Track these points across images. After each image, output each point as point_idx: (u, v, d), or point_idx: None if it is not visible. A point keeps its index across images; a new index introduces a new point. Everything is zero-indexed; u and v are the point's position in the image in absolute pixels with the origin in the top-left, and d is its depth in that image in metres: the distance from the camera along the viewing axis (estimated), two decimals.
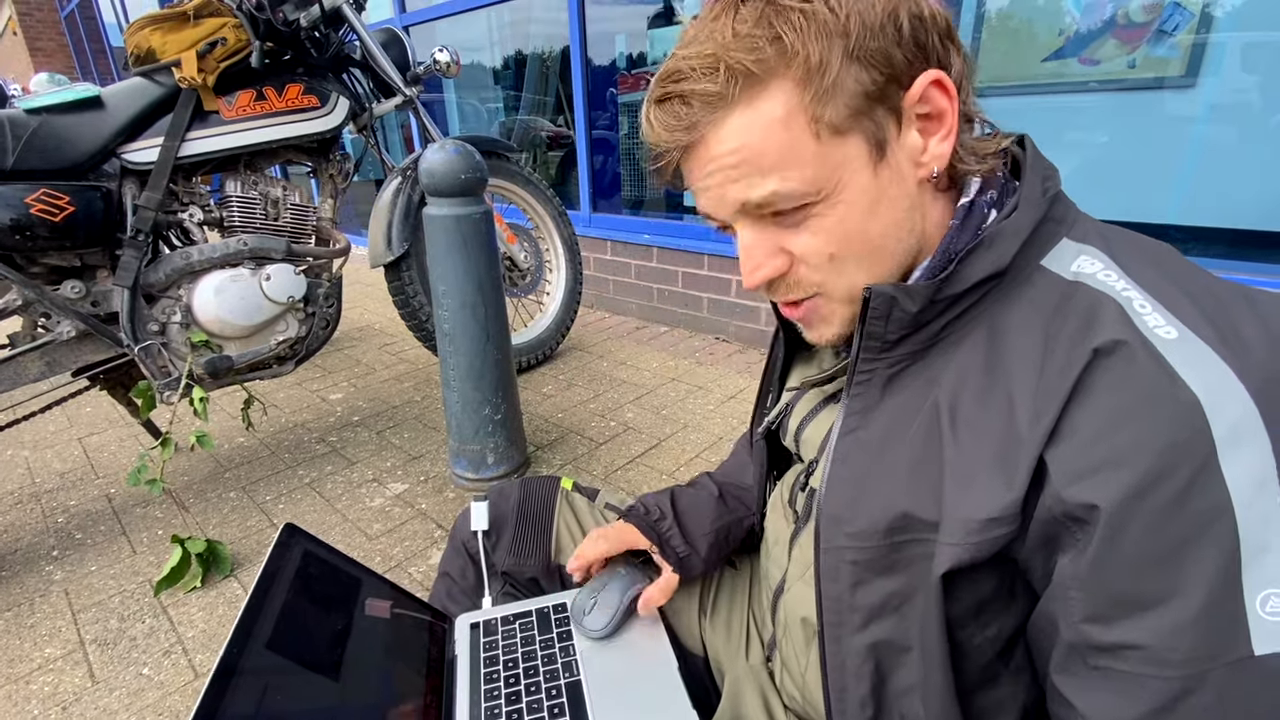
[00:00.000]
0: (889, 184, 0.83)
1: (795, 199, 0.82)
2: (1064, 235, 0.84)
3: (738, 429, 3.53)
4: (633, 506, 1.43)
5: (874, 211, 0.83)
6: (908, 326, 0.85)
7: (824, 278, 0.88)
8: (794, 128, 0.79)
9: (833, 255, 0.85)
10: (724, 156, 0.82)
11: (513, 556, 1.47)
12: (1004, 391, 0.78)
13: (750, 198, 0.83)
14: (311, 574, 1.17)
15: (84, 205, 2.54)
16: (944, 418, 0.82)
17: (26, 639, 2.34)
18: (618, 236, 5.37)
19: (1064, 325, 0.77)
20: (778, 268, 0.89)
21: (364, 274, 7.19)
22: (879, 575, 0.88)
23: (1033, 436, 0.74)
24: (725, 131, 0.81)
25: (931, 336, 0.86)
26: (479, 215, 2.77)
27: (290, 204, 3.13)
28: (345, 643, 1.12)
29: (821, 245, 0.85)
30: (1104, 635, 0.72)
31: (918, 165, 0.84)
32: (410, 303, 3.76)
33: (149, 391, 2.83)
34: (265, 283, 2.95)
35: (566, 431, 3.59)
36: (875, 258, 0.86)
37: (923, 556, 0.83)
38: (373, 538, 2.77)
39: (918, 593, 0.85)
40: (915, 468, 0.83)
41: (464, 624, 1.37)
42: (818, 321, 0.94)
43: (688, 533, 1.36)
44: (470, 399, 2.96)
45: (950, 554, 0.79)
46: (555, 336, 4.58)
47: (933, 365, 0.86)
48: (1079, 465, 0.71)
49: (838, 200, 0.82)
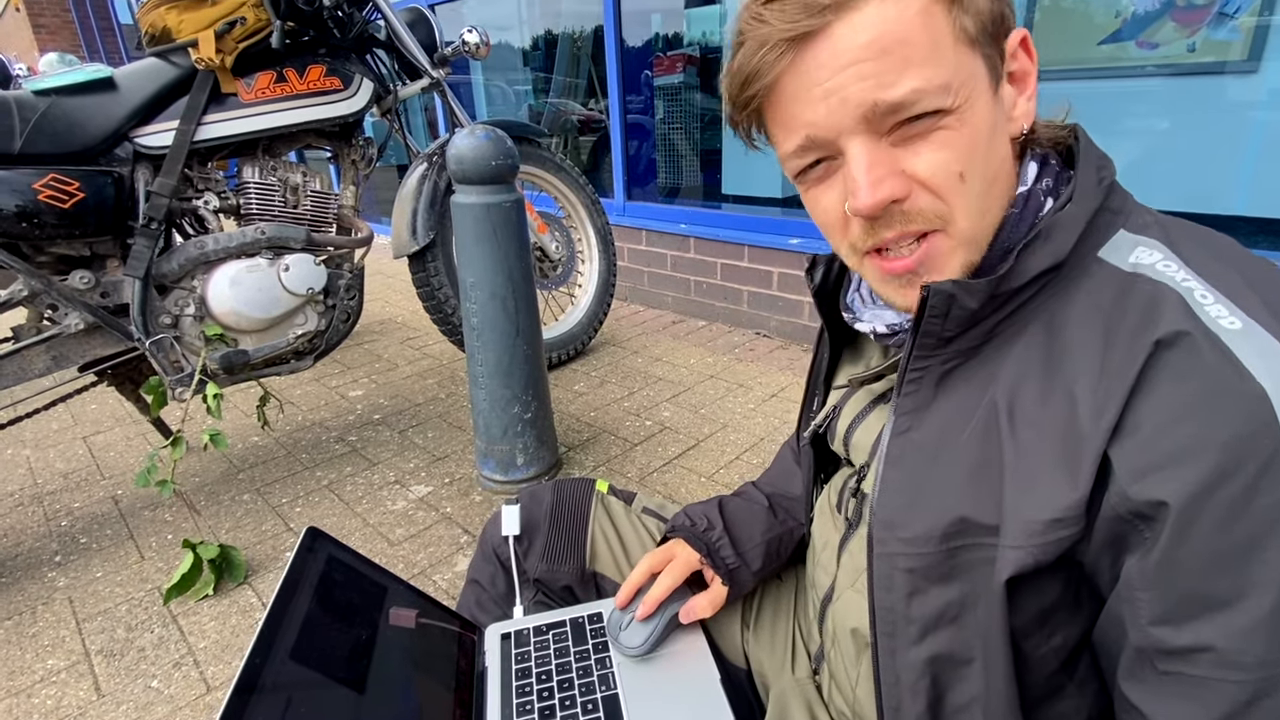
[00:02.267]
0: (1000, 120, 0.84)
1: (933, 101, 0.78)
2: (1120, 226, 0.84)
3: (780, 429, 3.51)
4: (677, 518, 1.42)
5: (992, 140, 0.83)
6: (965, 324, 0.85)
7: (951, 204, 0.83)
8: (935, 23, 0.78)
9: (962, 175, 0.82)
10: (857, 50, 0.78)
11: (546, 563, 1.46)
12: (1064, 388, 0.78)
13: (884, 98, 0.78)
14: (336, 581, 1.16)
15: (94, 191, 2.53)
16: (1002, 417, 0.82)
17: (28, 649, 2.32)
18: (653, 226, 5.34)
19: (1124, 319, 0.77)
20: (901, 188, 0.82)
21: (387, 265, 7.17)
22: (936, 583, 0.87)
23: (1096, 432, 0.74)
24: (861, 19, 0.77)
25: (986, 332, 0.86)
26: (510, 203, 2.75)
27: (310, 191, 3.12)
28: (371, 654, 1.11)
29: (951, 162, 0.81)
30: (1174, 638, 0.72)
31: (1010, 119, 0.86)
32: (435, 295, 3.75)
33: (160, 388, 2.81)
34: (283, 273, 2.94)
35: (599, 431, 3.58)
36: (991, 192, 0.85)
37: (982, 562, 0.83)
38: (395, 543, 2.75)
39: (978, 601, 0.84)
40: (974, 470, 0.83)
41: (494, 634, 1.36)
42: (930, 268, 0.88)
43: (738, 543, 1.35)
44: (499, 397, 2.94)
45: (1014, 558, 0.78)
46: (588, 331, 4.57)
47: (988, 362, 0.86)
48: (1144, 461, 0.71)
49: (965, 117, 0.80)
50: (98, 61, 4.60)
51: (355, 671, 1.06)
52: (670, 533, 1.41)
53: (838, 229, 0.90)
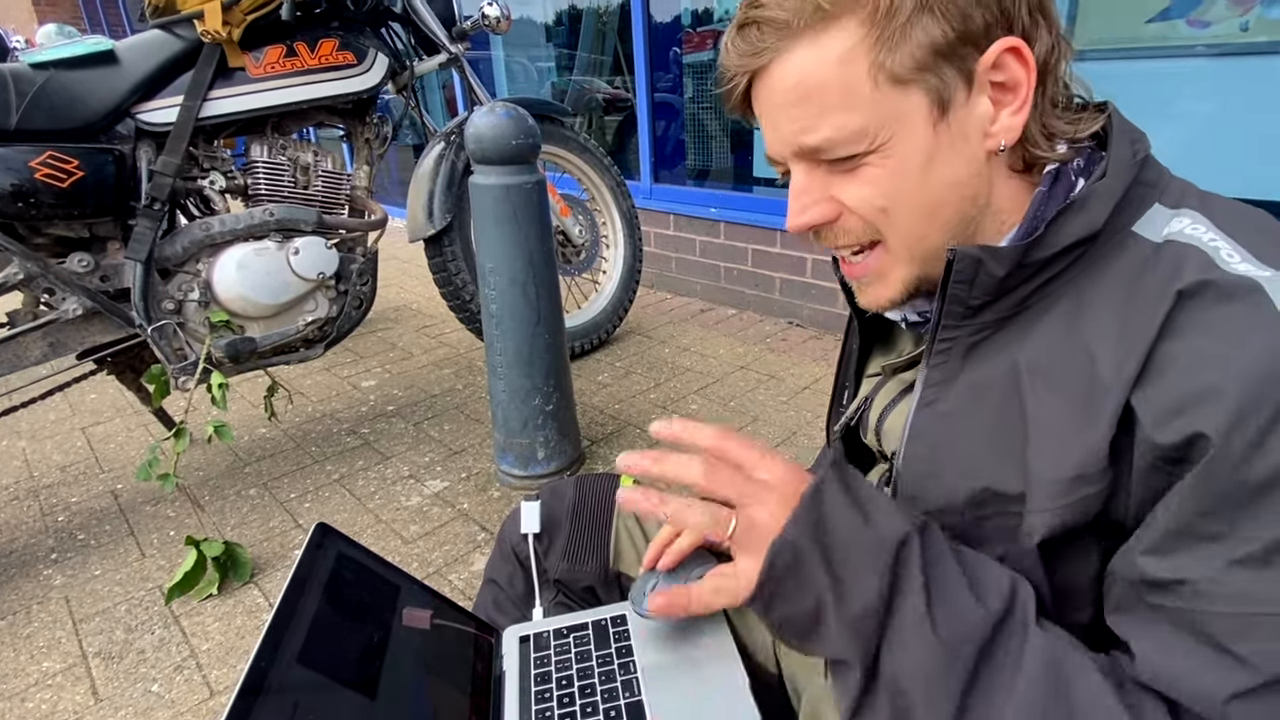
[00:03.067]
0: (948, 145, 0.86)
1: (846, 148, 0.86)
2: (1156, 200, 0.86)
3: (813, 423, 3.50)
4: None
5: (928, 170, 0.86)
6: (992, 292, 0.87)
7: (878, 227, 0.91)
8: (852, 70, 0.83)
9: (884, 209, 0.89)
10: (785, 90, 0.86)
11: (567, 562, 1.46)
12: (1083, 346, 0.81)
13: (805, 142, 0.87)
14: (346, 580, 1.15)
15: (94, 170, 2.51)
16: (1023, 380, 0.85)
17: (22, 651, 2.31)
18: (681, 209, 5.32)
19: (1148, 278, 0.80)
20: (824, 215, 0.93)
21: (402, 249, 7.14)
22: None
23: (1116, 383, 0.77)
24: (789, 64, 0.85)
25: (1017, 304, 0.88)
26: (531, 185, 2.74)
27: (322, 171, 3.09)
28: (383, 657, 1.10)
29: (871, 197, 0.89)
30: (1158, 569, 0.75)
31: (986, 135, 0.87)
32: (453, 280, 3.75)
33: (162, 376, 2.81)
34: (293, 257, 2.91)
35: (624, 424, 3.57)
36: (929, 219, 0.89)
37: (1009, 531, 0.86)
38: (409, 541, 2.75)
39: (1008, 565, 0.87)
40: (995, 436, 0.87)
41: (512, 637, 1.35)
42: (874, 280, 0.97)
43: None
44: (518, 388, 2.93)
45: (1042, 522, 0.82)
46: (612, 319, 4.56)
47: (1016, 335, 0.89)
48: (1171, 402, 0.73)
49: (890, 153, 0.86)
50: (99, 34, 4.58)
51: (366, 675, 1.05)
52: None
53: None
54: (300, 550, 1.11)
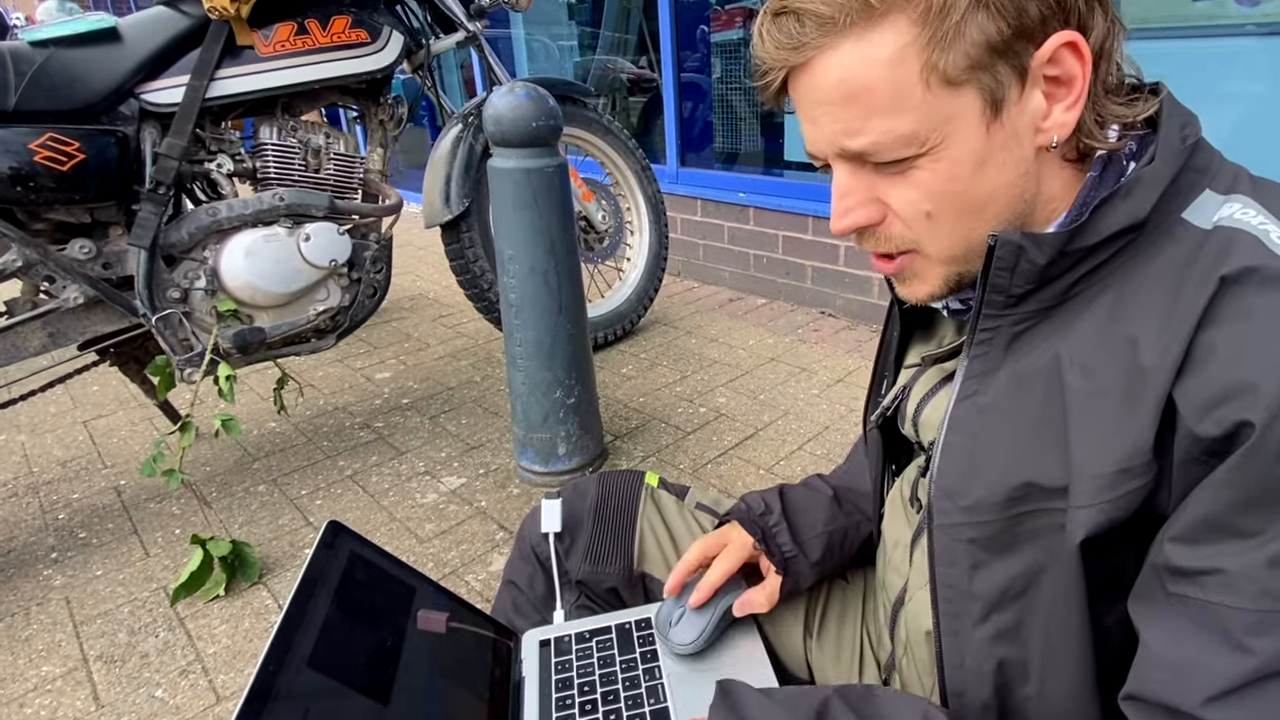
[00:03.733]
0: (1000, 146, 0.85)
1: (894, 152, 0.84)
2: (1206, 186, 0.85)
3: (846, 417, 3.50)
4: (735, 505, 1.42)
5: (979, 173, 0.85)
6: (1034, 280, 0.86)
7: (919, 235, 0.90)
8: (902, 71, 0.80)
9: (930, 213, 0.88)
10: (828, 89, 0.84)
11: (589, 563, 1.46)
12: (1127, 335, 0.80)
13: (849, 145, 0.86)
14: (359, 580, 1.15)
15: (96, 152, 2.50)
16: (1065, 371, 0.84)
17: (20, 654, 2.31)
18: (709, 194, 5.30)
19: (1195, 267, 0.78)
20: (870, 217, 0.91)
21: (417, 235, 7.15)
22: (999, 555, 0.90)
23: (1159, 372, 0.76)
24: (833, 61, 0.82)
25: (1060, 294, 0.87)
26: (552, 169, 2.74)
27: (334, 154, 3.09)
28: (396, 661, 1.10)
29: (919, 201, 0.87)
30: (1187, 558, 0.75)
31: (1038, 131, 0.85)
32: (470, 268, 3.76)
33: (167, 368, 2.81)
34: (304, 244, 2.91)
35: (649, 418, 3.57)
36: (975, 221, 0.88)
37: (1050, 529, 0.85)
38: (424, 540, 2.75)
39: (1046, 572, 0.87)
40: (1036, 429, 0.86)
41: (532, 641, 1.36)
42: (911, 278, 0.97)
43: (796, 531, 1.36)
44: (539, 380, 2.93)
45: (1085, 518, 0.80)
46: (637, 309, 4.56)
47: (1060, 326, 0.87)
48: (1211, 393, 0.72)
49: (941, 156, 0.84)
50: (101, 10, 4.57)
51: (379, 680, 1.05)
52: (725, 518, 1.43)
53: None
54: (311, 549, 1.10)
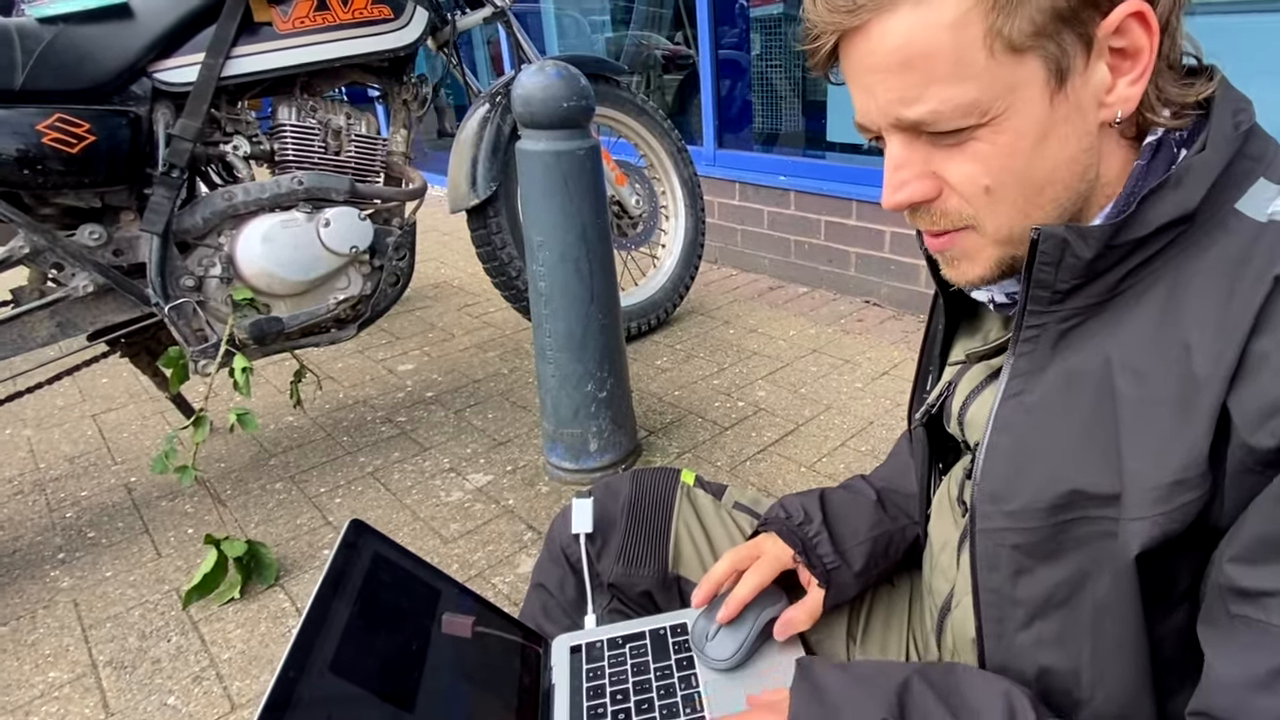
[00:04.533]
0: (1063, 119, 0.84)
1: (953, 122, 0.83)
2: (1261, 174, 0.84)
3: (892, 411, 3.49)
4: (771, 510, 1.43)
5: (1042, 146, 0.84)
6: (1081, 275, 0.86)
7: (976, 211, 0.89)
8: (965, 36, 0.79)
9: (989, 188, 0.87)
10: (885, 54, 0.83)
11: (622, 565, 1.46)
12: (1180, 340, 0.80)
13: (906, 115, 0.84)
14: (382, 582, 1.15)
15: (107, 134, 2.49)
16: (1116, 374, 0.84)
17: (26, 660, 2.31)
18: (748, 178, 5.28)
19: (1250, 265, 0.78)
20: (925, 192, 0.90)
21: (442, 220, 7.12)
22: (1044, 562, 0.90)
23: (1212, 381, 0.76)
24: (891, 25, 0.81)
25: (1109, 289, 0.87)
26: (584, 151, 2.73)
27: (355, 135, 3.08)
28: (421, 667, 1.11)
29: (978, 175, 0.86)
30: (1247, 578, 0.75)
31: (1101, 106, 0.85)
32: (497, 255, 3.76)
33: (180, 360, 2.81)
34: (323, 229, 2.90)
35: (685, 413, 3.57)
36: (1036, 198, 0.87)
37: (1098, 536, 0.86)
38: (449, 540, 2.75)
39: (1090, 580, 0.88)
40: (1085, 434, 0.86)
41: (562, 647, 1.36)
42: (961, 258, 0.96)
43: (838, 540, 1.35)
44: (569, 373, 2.93)
45: (1139, 530, 0.81)
46: (672, 298, 4.56)
47: (1110, 322, 0.87)
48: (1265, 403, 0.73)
49: (1002, 127, 0.83)
50: None
51: (403, 687, 1.06)
52: (762, 526, 1.42)
53: None
54: (332, 549, 1.11)
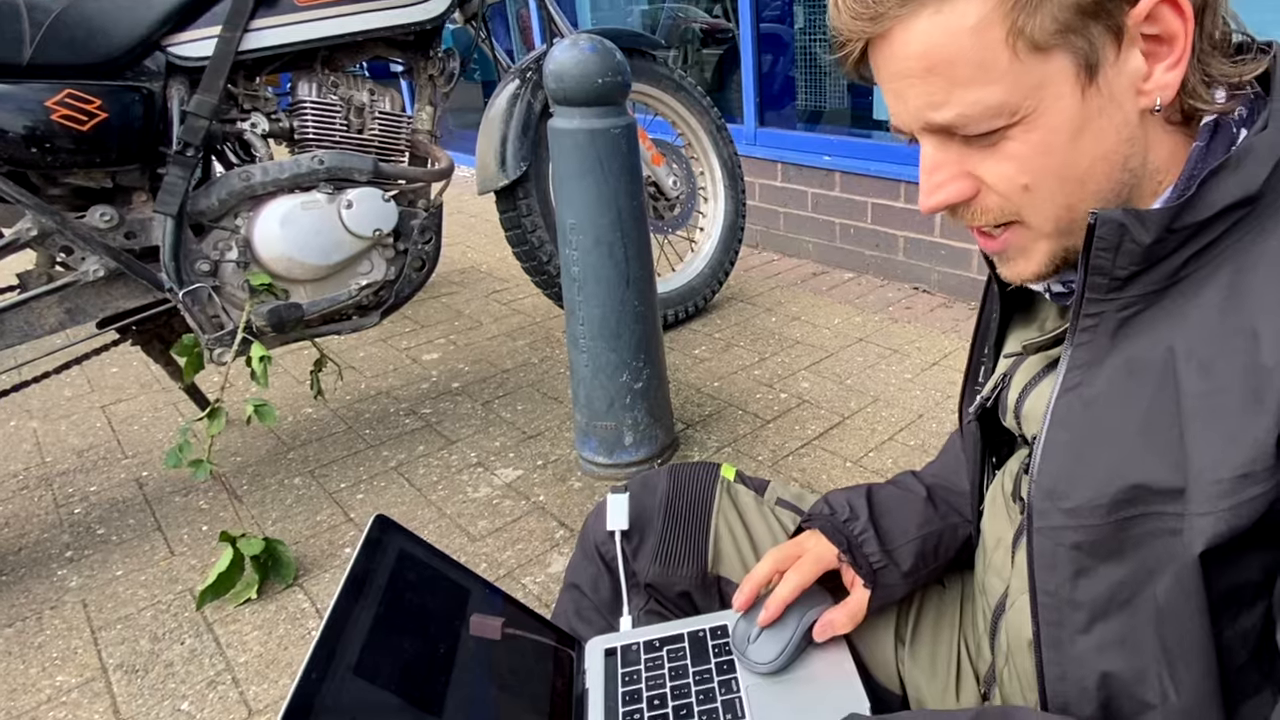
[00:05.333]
0: (1098, 112, 0.85)
1: (983, 124, 0.85)
2: None
3: (942, 404, 3.50)
4: (815, 507, 1.43)
5: (1077, 141, 0.85)
6: (1140, 261, 0.86)
7: (1019, 207, 0.91)
8: (986, 39, 0.81)
9: (1027, 186, 0.88)
10: (909, 60, 0.84)
11: (659, 564, 1.46)
12: (1245, 325, 0.80)
13: (934, 119, 0.86)
14: (408, 581, 1.16)
15: (119, 111, 2.48)
16: (1180, 364, 0.84)
17: (32, 663, 2.31)
18: (791, 157, 5.28)
19: None
20: (961, 192, 0.92)
21: (470, 202, 7.18)
22: (1104, 561, 0.90)
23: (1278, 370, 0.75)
24: (913, 31, 0.83)
25: (1169, 275, 0.87)
26: (618, 129, 2.73)
27: (379, 112, 3.07)
28: (449, 670, 1.11)
29: (1014, 174, 0.88)
30: None
31: (1139, 94, 0.85)
32: (528, 239, 3.77)
33: (195, 348, 2.80)
34: (345, 211, 2.89)
35: (724, 405, 3.58)
36: (1078, 191, 0.88)
37: (1161, 534, 0.85)
38: (476, 538, 2.76)
39: (1153, 580, 0.87)
40: (1147, 426, 0.86)
41: (597, 649, 1.36)
42: (1015, 255, 0.97)
43: (885, 538, 1.35)
44: (603, 362, 2.94)
45: (1204, 526, 0.80)
46: (711, 284, 4.56)
47: (1172, 310, 0.87)
48: None
49: (1034, 125, 0.84)
50: None
51: (430, 690, 1.06)
52: (805, 523, 1.41)
53: None
54: (356, 546, 1.11)
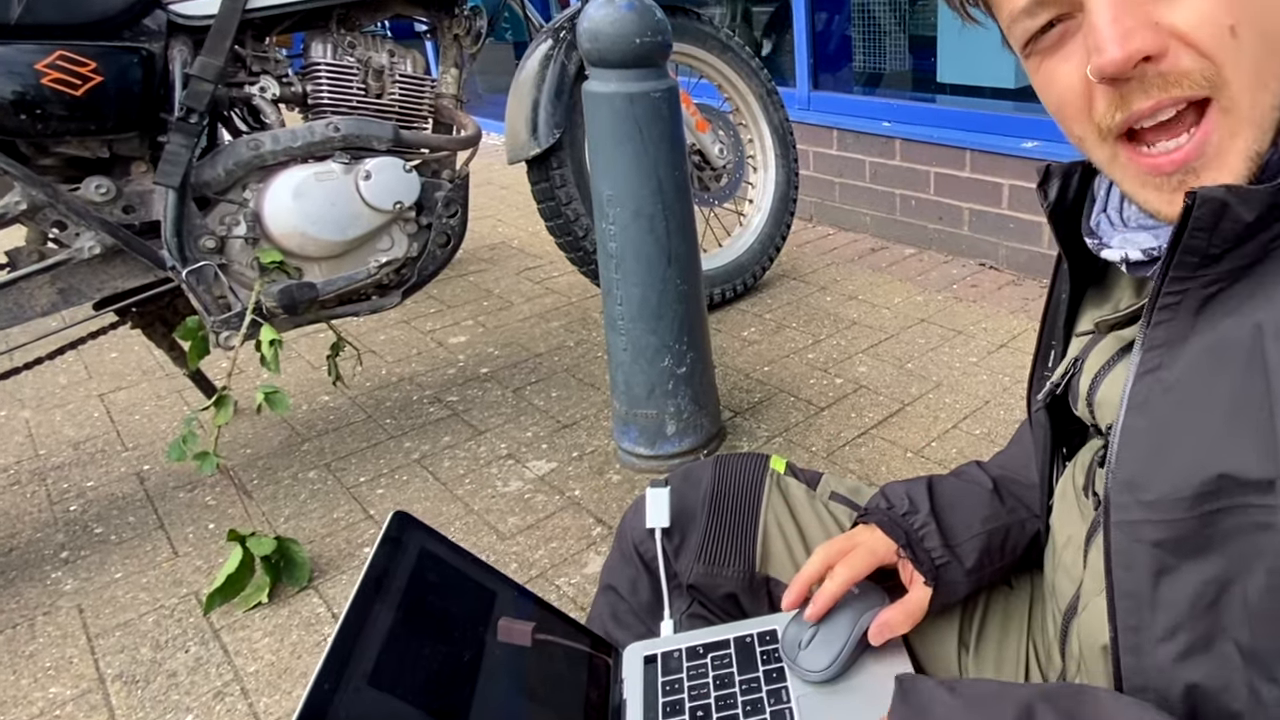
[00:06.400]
0: None
1: None
2: None
3: (1010, 389, 3.51)
4: (872, 500, 1.42)
5: None
6: (1235, 239, 0.82)
7: (1220, 66, 0.80)
8: None
9: (1234, 27, 0.79)
10: None
11: (703, 564, 1.45)
12: None
13: None
14: (430, 583, 1.15)
15: (116, 74, 2.46)
16: (1269, 342, 0.80)
17: (24, 673, 2.30)
18: (847, 123, 5.30)
19: None
20: (1156, 43, 0.80)
21: (499, 172, 7.08)
22: (1188, 559, 0.88)
23: None
24: None
25: (1261, 247, 0.84)
26: (659, 93, 2.74)
27: (400, 75, 3.07)
28: (474, 680, 1.09)
29: (1219, 13, 0.78)
30: None
31: None
32: (562, 212, 3.79)
33: (200, 331, 2.80)
34: (363, 182, 2.89)
35: (775, 391, 3.61)
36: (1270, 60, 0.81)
37: (1248, 528, 0.82)
38: (506, 536, 2.78)
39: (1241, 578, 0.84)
40: (1233, 411, 0.82)
41: (635, 656, 1.36)
42: (1209, 160, 0.85)
43: (948, 533, 1.34)
44: (643, 345, 2.95)
45: None
46: (760, 260, 4.58)
47: (1260, 284, 0.84)
48: None
49: None
50: None
51: (453, 702, 1.05)
52: (861, 517, 1.41)
53: (1079, 111, 0.89)
54: (373, 546, 1.09)
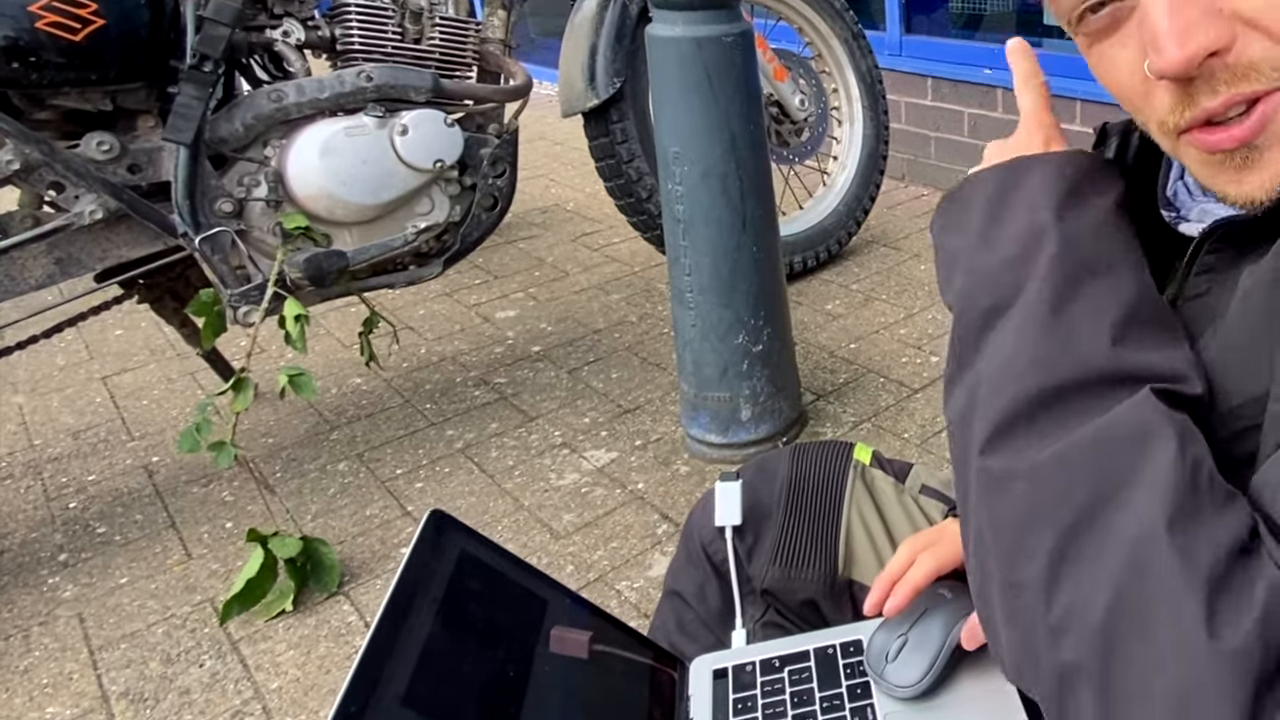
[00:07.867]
0: None
1: None
2: None
3: None
4: None
5: None
6: None
7: None
8: None
9: None
10: None
11: (779, 567, 1.45)
12: None
13: None
14: (471, 590, 1.15)
15: (119, 16, 2.44)
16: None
17: (18, 691, 2.31)
18: (943, 71, 5.42)
19: None
20: (1219, 36, 0.79)
21: (553, 126, 7.06)
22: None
23: None
24: None
25: None
26: (732, 37, 2.74)
27: (440, 18, 3.08)
28: (522, 697, 1.09)
29: None
30: None
31: None
32: (623, 171, 3.84)
33: (216, 306, 2.80)
34: (399, 138, 2.88)
35: (862, 371, 3.68)
36: None
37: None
38: (560, 535, 2.80)
39: None
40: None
41: (704, 670, 1.34)
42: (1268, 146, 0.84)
43: None
44: (715, 321, 2.96)
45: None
46: (846, 224, 4.62)
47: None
48: None
49: None
50: None
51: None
52: (953, 511, 1.41)
53: (1139, 100, 0.89)
54: (408, 548, 1.09)
